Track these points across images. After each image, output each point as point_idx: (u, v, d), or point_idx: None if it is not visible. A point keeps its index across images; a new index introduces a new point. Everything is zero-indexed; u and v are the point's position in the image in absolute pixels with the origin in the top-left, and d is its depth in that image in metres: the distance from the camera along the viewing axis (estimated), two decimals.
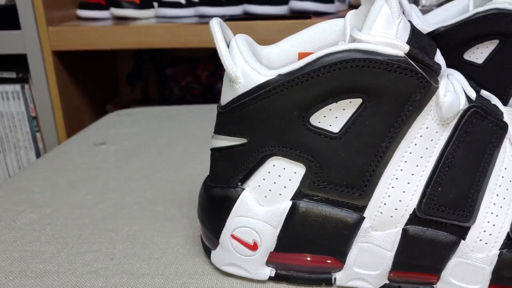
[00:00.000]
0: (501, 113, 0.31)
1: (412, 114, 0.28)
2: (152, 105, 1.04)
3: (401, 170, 0.29)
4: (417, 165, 0.29)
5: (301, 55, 0.33)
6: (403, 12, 0.36)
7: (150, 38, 0.92)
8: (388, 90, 0.28)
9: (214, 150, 0.33)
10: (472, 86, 0.33)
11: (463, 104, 0.29)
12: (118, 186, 0.48)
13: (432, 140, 0.29)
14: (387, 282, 0.32)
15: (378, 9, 0.29)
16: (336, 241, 0.31)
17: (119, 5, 1.01)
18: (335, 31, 0.34)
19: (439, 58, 0.30)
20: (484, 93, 0.34)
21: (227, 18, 0.95)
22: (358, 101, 0.28)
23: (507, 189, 0.30)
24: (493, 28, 0.42)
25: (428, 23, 0.45)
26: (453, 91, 0.29)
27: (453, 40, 0.43)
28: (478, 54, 0.43)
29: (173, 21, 0.95)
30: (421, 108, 0.28)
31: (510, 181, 0.30)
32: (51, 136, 0.97)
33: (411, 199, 0.29)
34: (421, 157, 0.29)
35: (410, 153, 0.29)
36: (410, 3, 0.89)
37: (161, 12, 0.99)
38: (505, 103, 0.44)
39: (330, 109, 0.29)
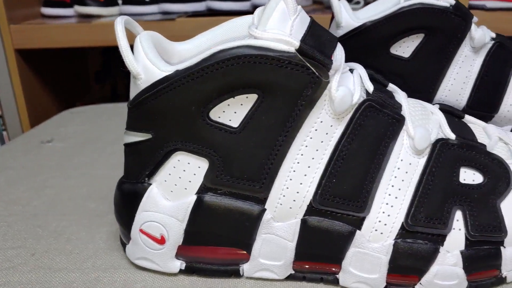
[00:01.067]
0: (399, 106, 0.32)
1: (306, 109, 0.29)
2: (122, 101, 1.04)
3: (298, 163, 0.30)
4: (313, 158, 0.30)
5: None
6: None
7: (114, 36, 0.92)
8: (281, 85, 0.28)
9: (125, 146, 0.33)
10: (378, 80, 0.34)
11: (357, 98, 0.30)
12: (56, 183, 0.48)
13: (327, 133, 0.30)
14: (293, 272, 0.32)
15: (273, 6, 0.29)
16: (241, 233, 0.31)
17: (83, 3, 1.00)
18: (246, 27, 0.34)
19: (338, 53, 0.31)
20: (392, 86, 0.34)
21: (189, 15, 0.96)
22: (254, 96, 0.29)
23: (403, 180, 0.30)
24: (418, 22, 0.43)
25: (356, 18, 0.45)
26: (348, 85, 0.30)
27: (380, 35, 0.44)
28: (405, 48, 0.44)
29: (137, 19, 0.95)
30: (313, 102, 0.29)
31: (406, 172, 0.31)
32: (17, 135, 0.97)
33: (307, 191, 0.30)
34: (317, 150, 0.30)
35: (306, 146, 0.30)
36: None
37: (125, 10, 0.99)
38: (432, 95, 0.45)
39: (228, 104, 0.29)
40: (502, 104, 0.45)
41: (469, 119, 0.36)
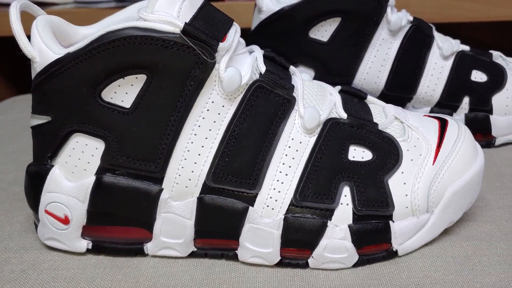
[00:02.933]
0: (292, 87, 0.32)
1: (195, 89, 0.30)
2: None
3: (192, 142, 0.31)
4: (206, 138, 0.31)
5: None
6: None
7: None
8: (167, 66, 0.29)
9: (32, 129, 0.34)
10: (280, 62, 0.35)
11: (246, 79, 0.31)
12: None
13: (219, 113, 0.31)
14: (195, 249, 0.33)
15: None
16: (140, 212, 0.32)
17: None
18: None
19: (231, 35, 0.31)
20: (292, 69, 0.35)
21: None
22: (143, 77, 0.30)
23: (293, 158, 0.32)
24: (334, 6, 0.44)
25: (277, 3, 0.46)
26: (239, 66, 0.31)
27: (298, 19, 0.45)
28: (323, 32, 0.45)
29: (93, 6, 0.95)
30: (202, 83, 0.30)
31: (297, 150, 0.32)
32: None
33: (202, 170, 0.31)
34: (210, 130, 0.31)
35: (199, 126, 0.31)
36: None
37: None
38: (351, 78, 0.46)
39: (119, 85, 0.30)
40: (419, 86, 0.47)
41: (370, 99, 0.37)
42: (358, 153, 0.32)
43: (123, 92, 0.30)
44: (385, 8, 0.45)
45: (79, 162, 0.32)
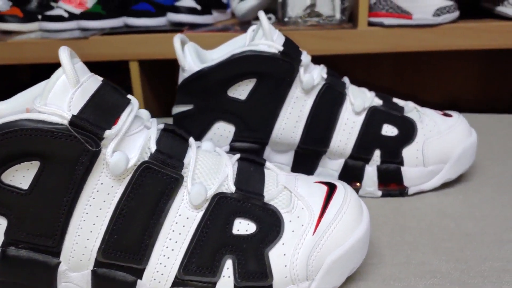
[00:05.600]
0: (181, 166, 0.35)
1: (84, 173, 0.32)
2: None
3: (84, 220, 0.33)
4: (97, 216, 0.33)
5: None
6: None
7: (30, 54, 0.94)
8: (57, 154, 0.32)
9: None
10: (181, 134, 0.37)
11: (133, 161, 0.33)
12: None
13: (108, 194, 0.33)
14: None
15: (54, 80, 0.32)
16: (42, 282, 0.35)
17: (2, 19, 1.02)
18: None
19: (124, 118, 0.34)
20: (191, 141, 0.38)
21: (106, 32, 0.98)
22: (37, 163, 0.32)
23: (180, 234, 0.34)
24: (249, 68, 0.47)
25: (199, 63, 0.49)
26: (127, 149, 0.33)
27: (216, 79, 0.47)
28: (241, 91, 0.48)
29: (56, 36, 0.97)
30: (90, 167, 0.32)
31: (184, 226, 0.34)
32: None
33: (93, 245, 0.34)
34: (100, 209, 0.33)
35: (90, 205, 0.33)
36: (276, 15, 0.93)
37: (44, 26, 1.01)
38: (269, 134, 0.49)
39: (16, 170, 0.32)
40: (332, 141, 0.49)
41: (268, 166, 0.39)
42: (243, 226, 0.35)
43: (21, 175, 0.32)
44: (297, 69, 0.47)
45: None
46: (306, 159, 0.50)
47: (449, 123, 0.51)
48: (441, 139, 0.50)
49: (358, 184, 0.50)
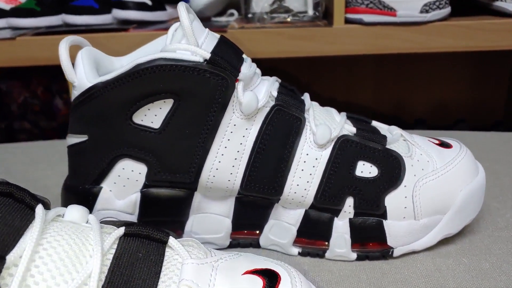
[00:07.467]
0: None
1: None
2: None
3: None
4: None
5: None
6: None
7: None
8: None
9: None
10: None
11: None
12: None
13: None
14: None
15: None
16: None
17: None
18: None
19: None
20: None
21: (40, 31, 0.83)
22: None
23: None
24: (162, 84, 0.33)
25: (96, 76, 0.34)
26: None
27: (116, 99, 0.33)
28: (152, 116, 0.33)
29: None
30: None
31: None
32: None
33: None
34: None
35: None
36: (239, 11, 0.79)
37: None
38: (197, 176, 0.35)
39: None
40: (286, 185, 0.35)
41: (173, 244, 0.25)
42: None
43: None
44: (232, 85, 0.33)
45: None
46: (252, 209, 0.36)
47: (447, 157, 0.37)
48: (438, 180, 0.36)
49: (325, 244, 0.36)
